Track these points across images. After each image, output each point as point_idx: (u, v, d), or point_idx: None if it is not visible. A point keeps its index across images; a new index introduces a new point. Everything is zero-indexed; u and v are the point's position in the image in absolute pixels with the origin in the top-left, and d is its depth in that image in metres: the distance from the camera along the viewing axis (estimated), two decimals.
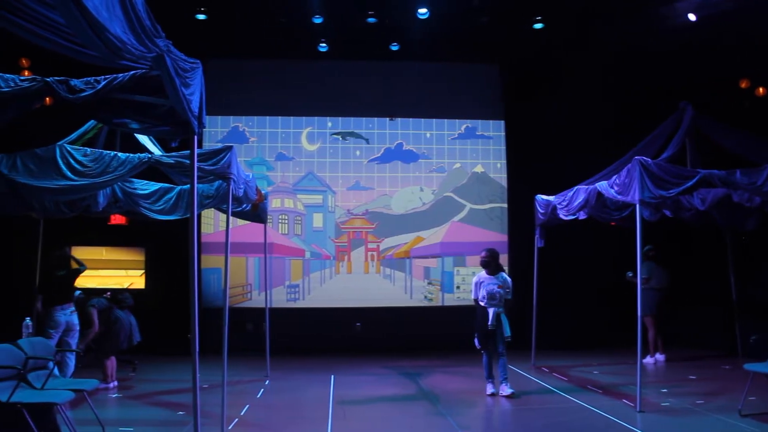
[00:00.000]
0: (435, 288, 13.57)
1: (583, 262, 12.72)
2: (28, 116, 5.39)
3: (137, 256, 12.57)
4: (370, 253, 13.65)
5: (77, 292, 9.12)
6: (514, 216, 13.31)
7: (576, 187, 9.43)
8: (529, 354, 10.89)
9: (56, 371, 6.65)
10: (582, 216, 9.57)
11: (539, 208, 10.60)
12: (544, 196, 10.52)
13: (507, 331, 8.37)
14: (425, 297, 13.57)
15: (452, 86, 13.65)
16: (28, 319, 7.27)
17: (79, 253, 10.15)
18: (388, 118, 13.68)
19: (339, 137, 13.60)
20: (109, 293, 9.85)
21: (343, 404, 8.10)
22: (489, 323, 8.30)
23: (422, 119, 13.77)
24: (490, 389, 8.49)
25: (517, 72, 13.36)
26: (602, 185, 8.46)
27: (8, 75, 5.14)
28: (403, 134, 13.73)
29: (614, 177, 8.12)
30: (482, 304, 8.43)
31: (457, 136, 13.80)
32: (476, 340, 8.50)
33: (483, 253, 8.61)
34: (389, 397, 8.68)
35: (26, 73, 9.46)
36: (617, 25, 11.27)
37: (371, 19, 11.72)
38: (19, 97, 5.08)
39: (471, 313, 8.70)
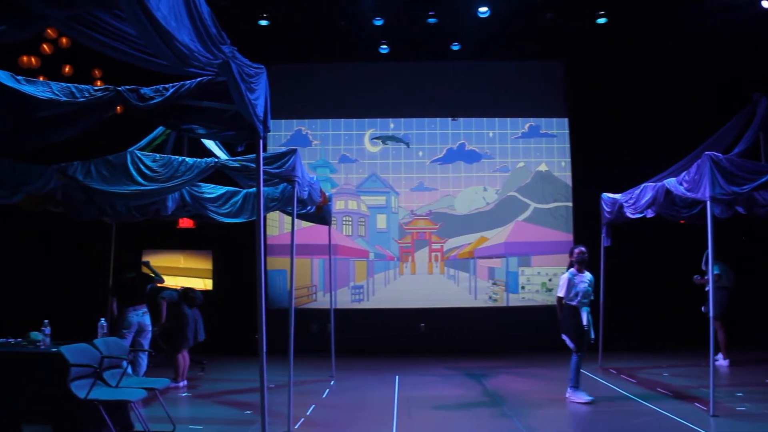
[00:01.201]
0: (499, 288, 13.45)
1: (651, 261, 12.45)
2: (101, 124, 5.61)
3: (205, 258, 12.84)
4: (434, 253, 13.63)
5: (149, 285, 9.36)
6: (580, 215, 13.08)
7: (643, 185, 9.22)
8: (596, 355, 10.68)
9: (130, 370, 6.87)
10: (650, 214, 9.33)
11: (605, 207, 10.40)
12: (610, 195, 10.32)
13: (592, 332, 8.22)
14: (490, 297, 13.46)
15: (515, 84, 13.52)
16: (103, 319, 7.52)
17: (157, 261, 10.43)
18: (450, 119, 13.65)
19: (379, 142, 13.62)
20: (181, 288, 10.08)
21: (408, 405, 8.12)
22: (585, 323, 8.08)
23: (484, 119, 13.67)
24: (584, 398, 8.05)
25: (580, 68, 13.13)
26: (671, 182, 8.26)
27: (83, 86, 5.35)
28: (465, 134, 13.66)
29: (683, 173, 7.90)
30: (572, 303, 8.13)
31: (520, 134, 13.64)
32: (570, 342, 8.14)
33: (581, 249, 8.31)
34: (454, 398, 8.65)
35: (99, 83, 9.83)
36: (684, 16, 10.95)
37: (432, 20, 11.72)
38: (94, 106, 5.30)
39: (537, 314, 8.58)
